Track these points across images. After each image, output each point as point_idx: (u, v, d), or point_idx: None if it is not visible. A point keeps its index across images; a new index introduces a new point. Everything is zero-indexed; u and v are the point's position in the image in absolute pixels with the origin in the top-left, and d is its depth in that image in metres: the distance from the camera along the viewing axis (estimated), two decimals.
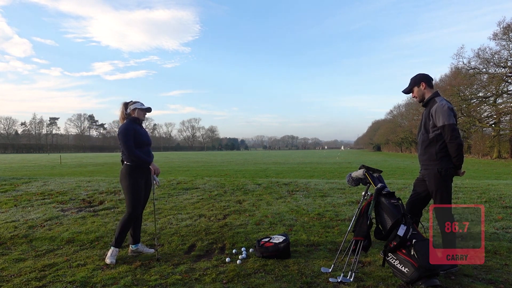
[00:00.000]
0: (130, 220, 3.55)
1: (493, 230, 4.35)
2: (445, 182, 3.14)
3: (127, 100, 3.78)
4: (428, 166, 3.21)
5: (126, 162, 3.56)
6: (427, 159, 3.22)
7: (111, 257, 3.44)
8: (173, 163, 24.77)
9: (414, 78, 3.34)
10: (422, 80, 3.27)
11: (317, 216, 5.27)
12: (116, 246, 3.52)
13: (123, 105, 3.74)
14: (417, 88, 3.30)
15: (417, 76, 3.32)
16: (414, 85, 3.32)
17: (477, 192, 7.07)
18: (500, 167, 19.89)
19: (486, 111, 33.88)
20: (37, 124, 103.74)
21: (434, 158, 3.15)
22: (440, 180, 3.13)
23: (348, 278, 2.93)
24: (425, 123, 3.23)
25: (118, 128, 3.66)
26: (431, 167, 3.18)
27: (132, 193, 3.52)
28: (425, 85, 3.27)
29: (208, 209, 5.91)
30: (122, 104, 3.75)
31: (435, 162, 3.14)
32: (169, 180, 9.59)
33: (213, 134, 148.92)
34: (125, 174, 3.55)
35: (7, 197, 7.16)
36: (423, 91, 3.28)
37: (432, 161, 3.17)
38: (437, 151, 3.14)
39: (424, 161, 3.26)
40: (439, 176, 3.13)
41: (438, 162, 3.13)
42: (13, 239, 4.26)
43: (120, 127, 3.58)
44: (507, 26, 27.37)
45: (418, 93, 3.30)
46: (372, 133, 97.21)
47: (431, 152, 3.17)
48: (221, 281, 2.96)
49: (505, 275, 3.02)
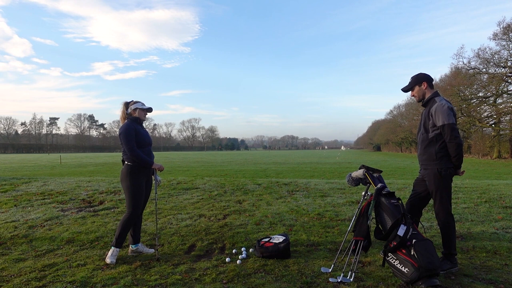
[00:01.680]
0: (131, 220, 3.55)
1: (493, 230, 4.35)
2: (445, 182, 3.14)
3: (128, 100, 3.78)
4: (428, 166, 3.21)
5: (127, 162, 3.55)
6: (427, 159, 3.21)
7: (111, 257, 3.44)
8: (173, 163, 24.76)
9: (415, 76, 3.33)
10: (424, 80, 3.28)
11: (317, 216, 5.27)
12: (117, 246, 3.52)
13: (124, 105, 3.73)
14: (418, 87, 3.30)
15: (419, 75, 3.32)
16: (415, 84, 3.31)
17: (477, 192, 7.07)
18: (500, 167, 19.89)
19: (486, 111, 33.86)
20: (37, 124, 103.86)
21: (434, 158, 3.15)
22: (440, 180, 3.13)
23: (348, 278, 2.93)
24: (425, 122, 3.23)
25: (119, 128, 3.67)
26: (430, 166, 3.18)
27: (133, 193, 3.52)
28: (427, 85, 3.27)
29: (208, 209, 5.91)
30: (123, 104, 3.74)
31: (435, 162, 3.14)
32: (169, 180, 9.59)
33: (213, 134, 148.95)
34: (126, 174, 3.53)
35: (7, 197, 7.16)
36: (424, 90, 3.29)
37: (432, 161, 3.17)
38: (436, 151, 3.13)
39: (424, 160, 3.26)
40: (439, 176, 3.13)
41: (438, 162, 3.13)
42: (13, 239, 4.27)
43: (121, 127, 3.58)
44: (507, 26, 27.36)
45: (419, 92, 3.30)
46: (372, 133, 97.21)
47: (431, 152, 3.17)
48: (221, 281, 2.96)
49: (505, 275, 3.02)
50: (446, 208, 3.18)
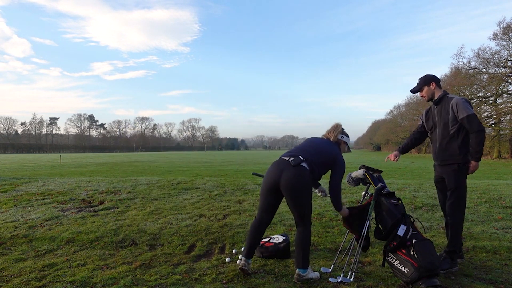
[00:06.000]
0: (310, 234, 3.04)
1: (493, 230, 4.35)
2: (465, 179, 3.23)
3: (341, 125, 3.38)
4: (449, 161, 3.26)
5: (304, 165, 3.00)
6: (449, 154, 3.26)
7: (313, 273, 3.00)
8: (173, 163, 24.76)
9: (424, 78, 3.44)
10: (432, 80, 3.40)
11: (317, 216, 5.27)
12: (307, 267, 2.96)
13: (340, 127, 3.34)
14: (427, 88, 3.41)
15: (427, 76, 3.43)
16: (424, 85, 3.42)
17: (477, 192, 7.06)
18: (500, 167, 19.89)
19: (486, 111, 33.84)
20: (37, 124, 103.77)
21: (457, 152, 3.21)
22: (460, 177, 3.21)
23: (348, 278, 2.93)
24: (444, 118, 3.29)
25: (331, 151, 3.15)
26: (452, 162, 3.24)
27: (311, 202, 3.05)
28: (435, 85, 3.39)
29: (208, 209, 5.91)
30: (340, 125, 3.35)
31: (458, 157, 3.21)
32: (169, 180, 9.59)
33: (213, 134, 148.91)
34: (308, 184, 3.00)
35: (7, 197, 7.16)
36: (433, 90, 3.40)
37: (454, 156, 3.23)
38: (459, 145, 3.21)
39: (445, 156, 3.30)
40: (460, 172, 3.20)
41: (461, 157, 3.20)
42: (13, 239, 4.27)
43: (343, 158, 3.17)
44: (507, 26, 27.36)
45: (428, 92, 3.41)
46: (372, 133, 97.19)
47: (454, 147, 3.23)
48: (221, 281, 2.96)
49: (505, 275, 3.02)
50: (462, 207, 3.24)
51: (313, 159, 3.04)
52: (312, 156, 3.05)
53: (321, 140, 3.29)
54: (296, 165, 2.94)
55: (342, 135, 3.32)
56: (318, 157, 3.07)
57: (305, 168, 2.97)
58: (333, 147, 3.21)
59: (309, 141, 3.29)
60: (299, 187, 2.92)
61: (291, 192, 2.92)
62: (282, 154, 3.15)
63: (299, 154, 3.03)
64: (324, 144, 3.21)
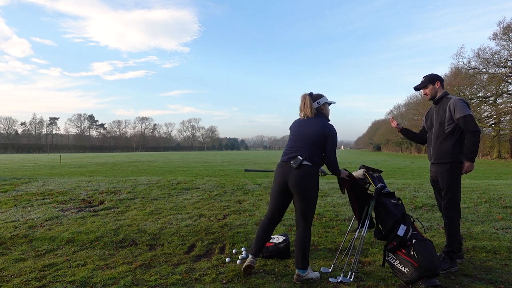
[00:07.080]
0: (310, 234, 3.05)
1: (493, 230, 4.35)
2: (457, 178, 3.23)
3: (306, 92, 3.19)
4: (442, 159, 3.28)
5: (310, 163, 2.97)
6: (442, 152, 3.28)
7: (312, 274, 3.00)
8: (173, 163, 24.76)
9: (429, 76, 3.48)
10: (437, 79, 3.45)
11: (317, 216, 5.27)
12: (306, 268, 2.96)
13: (308, 97, 3.14)
14: (432, 86, 3.45)
15: (433, 75, 3.47)
16: (429, 83, 3.46)
17: (477, 192, 7.06)
18: (500, 167, 19.89)
19: (486, 111, 33.87)
20: (37, 124, 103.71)
21: (450, 151, 3.23)
22: (453, 177, 3.21)
23: (348, 278, 2.93)
24: (441, 117, 3.32)
25: (322, 125, 3.03)
26: (444, 160, 3.25)
27: (316, 203, 3.05)
28: (440, 84, 3.44)
29: (208, 209, 5.91)
30: (307, 96, 3.15)
31: (451, 156, 3.22)
32: (169, 180, 9.59)
33: (213, 134, 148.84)
34: (316, 179, 2.99)
35: (7, 197, 7.16)
36: (436, 89, 3.44)
37: (447, 155, 3.24)
38: (453, 144, 3.23)
39: (438, 155, 3.32)
40: (453, 172, 3.21)
41: (454, 156, 3.22)
42: (13, 239, 4.27)
43: (332, 128, 3.07)
44: (507, 26, 27.37)
45: (432, 90, 3.45)
46: (372, 133, 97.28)
47: (447, 146, 3.25)
48: (221, 281, 2.96)
49: (505, 275, 3.02)
50: (457, 206, 3.24)
51: (310, 151, 3.01)
52: (308, 149, 3.01)
53: (305, 123, 3.10)
54: (298, 167, 2.96)
55: (316, 102, 3.13)
56: (312, 145, 3.01)
57: (308, 166, 2.99)
58: (317, 122, 3.05)
59: (297, 132, 3.13)
60: (307, 186, 2.96)
61: (300, 191, 2.96)
62: (282, 154, 3.16)
63: (297, 154, 3.02)
64: (310, 126, 3.05)
